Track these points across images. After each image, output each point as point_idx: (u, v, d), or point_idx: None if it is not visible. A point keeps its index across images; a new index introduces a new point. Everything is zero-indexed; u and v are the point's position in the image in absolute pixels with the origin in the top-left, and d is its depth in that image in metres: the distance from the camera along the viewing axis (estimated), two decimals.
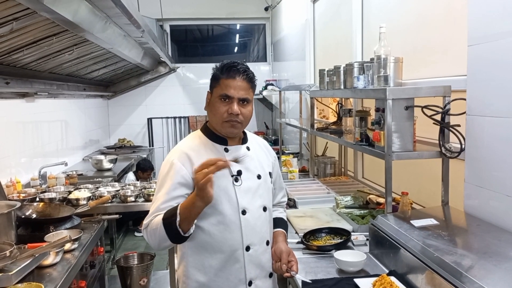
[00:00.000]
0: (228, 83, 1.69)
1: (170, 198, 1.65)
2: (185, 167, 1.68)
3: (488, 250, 1.53)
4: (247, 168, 1.76)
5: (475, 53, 1.87)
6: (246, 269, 1.73)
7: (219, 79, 1.71)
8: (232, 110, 1.68)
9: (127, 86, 7.28)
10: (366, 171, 3.60)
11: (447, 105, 2.02)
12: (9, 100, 3.62)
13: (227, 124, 1.72)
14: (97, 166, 4.96)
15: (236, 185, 1.71)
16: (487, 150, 1.82)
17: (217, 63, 1.77)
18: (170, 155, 1.74)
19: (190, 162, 1.68)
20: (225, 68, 1.71)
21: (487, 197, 1.83)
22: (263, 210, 1.79)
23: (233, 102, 1.69)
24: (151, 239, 1.65)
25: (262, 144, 1.95)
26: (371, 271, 1.86)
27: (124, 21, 3.24)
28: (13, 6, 2.15)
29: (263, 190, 1.80)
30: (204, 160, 1.54)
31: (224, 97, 1.69)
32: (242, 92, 1.70)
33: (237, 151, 1.77)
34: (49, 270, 2.09)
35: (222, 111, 1.69)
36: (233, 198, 1.70)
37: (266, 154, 1.92)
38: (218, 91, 1.70)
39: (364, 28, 3.46)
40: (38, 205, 2.79)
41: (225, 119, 1.70)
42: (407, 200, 2.26)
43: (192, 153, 1.71)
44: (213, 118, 1.75)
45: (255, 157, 1.83)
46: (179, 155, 1.71)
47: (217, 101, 1.70)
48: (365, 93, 2.42)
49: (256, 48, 8.20)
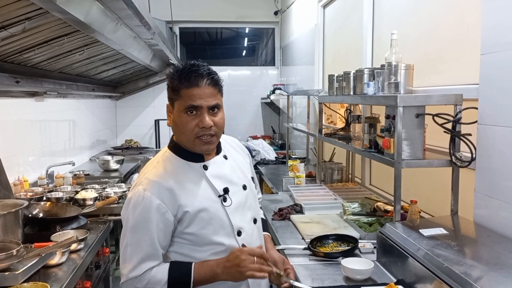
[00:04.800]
0: (191, 92, 1.45)
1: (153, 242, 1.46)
2: (165, 204, 1.46)
3: (499, 262, 1.51)
4: (231, 182, 1.60)
5: (488, 62, 1.85)
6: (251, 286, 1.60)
7: (179, 89, 1.46)
8: (204, 123, 1.46)
9: (135, 87, 7.30)
10: (373, 178, 3.58)
11: (459, 113, 2.01)
12: (19, 99, 3.64)
13: (200, 142, 1.51)
14: (104, 167, 4.97)
15: (226, 206, 1.54)
16: (499, 159, 1.80)
17: (170, 70, 1.53)
18: (142, 189, 1.47)
19: (171, 195, 1.47)
20: (183, 75, 1.46)
21: (497, 207, 1.80)
22: (254, 223, 1.66)
23: (203, 113, 1.47)
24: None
25: (234, 144, 1.77)
26: (379, 280, 1.84)
27: (135, 22, 3.25)
28: (26, 6, 2.16)
29: (250, 200, 1.67)
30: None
31: (190, 109, 1.46)
32: (211, 99, 1.47)
33: (216, 165, 1.59)
34: (55, 270, 2.09)
35: (192, 126, 1.47)
36: (226, 222, 1.54)
37: (243, 156, 1.77)
38: (182, 103, 1.46)
39: (375, 34, 3.45)
40: (45, 205, 2.80)
41: (196, 135, 1.49)
42: (415, 209, 2.23)
43: (171, 183, 1.48)
44: (181, 136, 1.52)
45: (235, 165, 1.66)
46: (156, 188, 1.46)
47: (182, 115, 1.47)
48: (375, 99, 2.40)
49: (264, 52, 8.21)
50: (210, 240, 1.52)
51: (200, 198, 1.51)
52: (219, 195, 1.55)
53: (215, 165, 1.59)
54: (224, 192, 1.56)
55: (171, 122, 1.55)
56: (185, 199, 1.49)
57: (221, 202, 1.54)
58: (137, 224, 1.46)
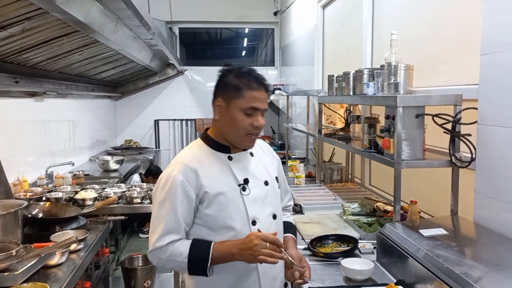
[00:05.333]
0: (254, 95, 1.60)
1: (177, 217, 1.59)
2: (189, 183, 1.60)
3: (500, 262, 1.51)
4: (253, 175, 1.70)
5: (488, 62, 1.85)
6: (261, 282, 1.67)
7: (241, 89, 1.59)
8: (259, 122, 1.62)
9: (135, 88, 7.30)
10: (373, 178, 3.58)
11: (458, 114, 2.01)
12: (18, 99, 3.64)
13: (250, 138, 1.66)
14: (104, 167, 4.97)
15: (244, 195, 1.65)
16: (499, 160, 1.80)
17: (227, 68, 1.66)
18: (171, 169, 1.63)
19: (195, 175, 1.61)
20: (248, 79, 1.61)
21: (498, 208, 1.80)
22: (273, 218, 1.73)
23: (258, 114, 1.62)
24: (166, 264, 1.61)
25: (265, 148, 1.89)
26: (379, 280, 1.84)
27: (135, 23, 3.25)
28: (26, 6, 2.16)
29: (271, 197, 1.75)
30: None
31: (249, 109, 1.60)
32: (265, 104, 1.64)
33: (241, 158, 1.71)
34: (54, 270, 2.09)
35: (246, 124, 1.61)
36: (241, 209, 1.64)
37: (270, 158, 1.87)
38: (242, 103, 1.59)
39: (375, 35, 3.45)
40: (45, 205, 2.80)
41: (249, 132, 1.63)
42: (415, 209, 2.23)
43: (196, 165, 1.62)
44: (232, 130, 1.64)
45: (260, 163, 1.77)
46: (182, 169, 1.61)
47: (239, 113, 1.60)
48: (375, 100, 2.40)
49: (264, 52, 8.21)
50: (225, 224, 1.62)
51: (221, 183, 1.63)
52: (239, 184, 1.66)
53: (240, 158, 1.71)
54: (244, 182, 1.66)
55: (220, 116, 1.65)
56: (206, 181, 1.61)
57: (240, 191, 1.65)
58: (164, 199, 1.60)
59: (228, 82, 1.63)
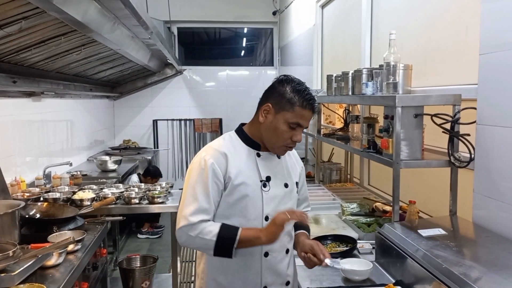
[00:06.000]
0: (304, 113, 1.69)
1: (208, 198, 1.68)
2: (219, 166, 1.69)
3: (498, 263, 1.51)
4: (276, 175, 1.78)
5: (487, 62, 1.84)
6: (262, 275, 1.74)
7: (294, 104, 1.68)
8: (298, 139, 1.71)
9: (133, 88, 7.29)
10: (372, 178, 3.58)
11: (457, 113, 2.00)
12: (15, 99, 3.62)
13: (285, 149, 1.76)
14: (102, 167, 4.96)
15: (264, 191, 1.73)
16: (498, 160, 1.80)
17: (285, 78, 1.73)
18: (203, 153, 1.74)
19: (225, 160, 1.70)
20: (305, 97, 1.68)
21: (496, 208, 1.80)
22: None
23: (299, 130, 1.71)
24: (193, 242, 1.67)
25: (292, 154, 1.94)
26: (377, 281, 1.84)
27: (133, 22, 3.24)
28: (23, 5, 2.15)
29: (288, 199, 1.81)
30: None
31: (295, 124, 1.69)
32: (308, 123, 1.75)
33: (268, 157, 1.79)
34: (51, 271, 2.07)
35: (287, 137, 1.70)
36: (258, 204, 1.72)
37: (295, 163, 1.92)
38: (291, 117, 1.68)
39: (373, 34, 3.44)
40: (42, 205, 2.78)
41: (286, 144, 1.72)
42: (414, 209, 2.23)
43: (227, 152, 1.72)
44: (273, 137, 1.72)
45: (284, 166, 1.84)
46: (213, 153, 1.72)
47: (284, 125, 1.69)
48: (373, 100, 2.40)
49: (263, 52, 8.20)
50: (240, 213, 1.71)
51: (245, 174, 1.72)
52: (261, 180, 1.74)
53: (267, 157, 1.79)
54: (266, 179, 1.75)
55: (265, 120, 1.73)
56: (233, 168, 1.71)
57: (261, 186, 1.73)
58: (197, 181, 1.69)
59: (284, 94, 1.70)
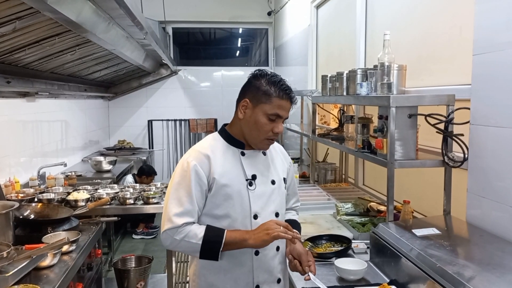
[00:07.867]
0: (281, 104, 1.69)
1: (192, 200, 1.68)
2: (202, 168, 1.69)
3: (491, 262, 1.52)
4: (262, 173, 1.78)
5: (481, 62, 1.86)
6: (254, 273, 1.75)
7: (271, 96, 1.68)
8: (279, 129, 1.71)
9: (128, 88, 7.27)
10: (366, 178, 3.59)
11: (451, 114, 2.01)
12: (10, 100, 3.61)
13: (268, 142, 1.76)
14: (96, 168, 4.94)
15: (250, 189, 1.73)
16: (491, 160, 1.81)
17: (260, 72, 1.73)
18: (187, 156, 1.75)
19: (208, 162, 1.70)
20: (280, 87, 1.69)
21: (490, 208, 1.81)
22: (275, 216, 1.79)
23: (279, 121, 1.71)
24: (179, 245, 1.66)
25: (278, 150, 1.95)
26: (372, 280, 1.85)
27: (128, 22, 3.23)
28: (17, 5, 2.14)
29: (276, 195, 1.81)
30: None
31: (274, 116, 1.69)
32: (288, 113, 1.74)
33: (253, 155, 1.79)
34: (46, 272, 2.07)
35: (268, 129, 1.70)
36: (245, 202, 1.73)
37: (282, 159, 1.92)
38: (269, 109, 1.68)
39: (368, 35, 3.46)
40: (37, 206, 2.77)
41: (268, 137, 1.72)
42: (408, 209, 2.24)
43: (209, 153, 1.73)
44: (253, 131, 1.73)
45: (270, 162, 1.84)
46: (196, 155, 1.72)
47: (263, 117, 1.69)
48: (368, 100, 2.41)
49: (258, 52, 8.20)
50: (228, 213, 1.71)
51: (230, 174, 1.72)
52: (247, 179, 1.74)
53: (251, 155, 1.79)
54: (251, 177, 1.75)
55: (243, 116, 1.73)
56: (217, 169, 1.71)
57: (247, 185, 1.73)
58: (180, 183, 1.70)
59: (259, 86, 1.70)
